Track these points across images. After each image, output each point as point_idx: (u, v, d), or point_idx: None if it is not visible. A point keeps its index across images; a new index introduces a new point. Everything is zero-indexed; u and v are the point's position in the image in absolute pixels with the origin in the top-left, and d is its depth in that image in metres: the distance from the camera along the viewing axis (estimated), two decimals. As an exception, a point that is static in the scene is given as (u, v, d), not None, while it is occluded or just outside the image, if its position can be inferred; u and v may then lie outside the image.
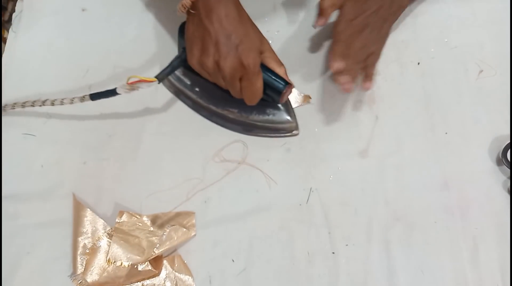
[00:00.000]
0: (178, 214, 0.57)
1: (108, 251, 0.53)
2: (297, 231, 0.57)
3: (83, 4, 0.69)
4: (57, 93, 0.63)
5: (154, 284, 0.55)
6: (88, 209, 0.56)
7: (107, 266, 0.53)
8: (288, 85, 0.55)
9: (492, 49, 0.66)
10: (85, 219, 0.56)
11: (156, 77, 0.53)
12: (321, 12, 0.57)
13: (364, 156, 0.61)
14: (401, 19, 0.67)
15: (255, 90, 0.52)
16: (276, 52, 0.57)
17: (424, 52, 0.66)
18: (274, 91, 0.55)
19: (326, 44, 0.66)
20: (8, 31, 0.68)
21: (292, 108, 0.61)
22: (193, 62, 0.50)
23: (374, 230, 0.57)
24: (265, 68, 0.53)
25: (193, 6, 0.49)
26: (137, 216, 0.56)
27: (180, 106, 0.63)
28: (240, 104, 0.57)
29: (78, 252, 0.54)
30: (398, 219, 0.58)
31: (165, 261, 0.55)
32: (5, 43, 0.68)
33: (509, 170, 0.58)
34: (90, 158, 0.60)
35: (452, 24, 0.67)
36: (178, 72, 0.61)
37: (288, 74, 0.56)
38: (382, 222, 0.57)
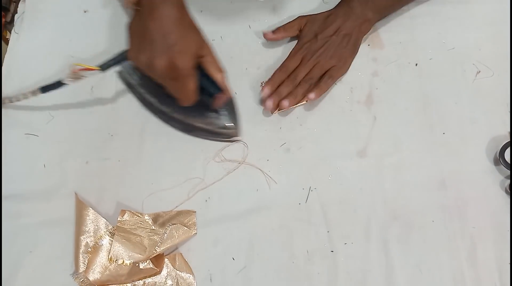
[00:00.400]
0: (179, 213, 0.58)
1: (110, 249, 0.54)
2: (296, 230, 0.58)
3: (85, 5, 0.69)
4: (58, 94, 0.64)
5: (156, 282, 0.55)
6: (90, 208, 0.57)
7: (109, 264, 0.54)
8: (222, 91, 0.55)
9: (490, 50, 0.67)
10: (87, 218, 0.56)
11: (100, 66, 0.54)
12: (276, 31, 0.64)
13: (363, 156, 0.61)
14: (399, 21, 0.68)
15: (187, 92, 0.52)
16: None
17: (422, 53, 0.67)
18: (208, 95, 0.55)
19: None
20: (10, 32, 0.69)
21: (236, 114, 0.61)
22: (131, 56, 0.51)
23: (373, 229, 0.58)
24: (202, 72, 0.53)
25: (138, 2, 0.50)
26: (139, 215, 0.57)
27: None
28: (185, 108, 0.56)
29: (80, 251, 0.55)
30: (396, 218, 0.58)
31: (166, 259, 0.56)
32: (7, 44, 0.68)
33: (506, 169, 0.59)
34: (92, 158, 0.61)
35: (449, 25, 0.68)
36: (129, 66, 0.62)
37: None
38: (380, 221, 0.58)
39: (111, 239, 0.55)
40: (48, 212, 0.58)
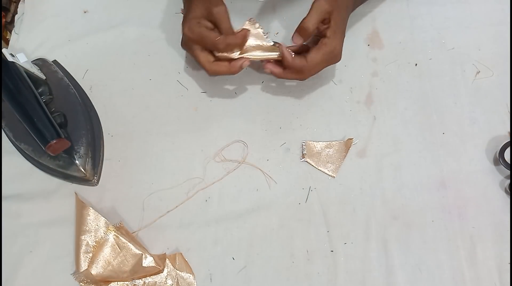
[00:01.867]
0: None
1: (115, 244, 0.54)
2: (296, 229, 0.58)
3: (85, 6, 0.69)
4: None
5: (156, 282, 0.55)
6: (91, 208, 0.57)
7: (112, 260, 0.54)
8: (58, 139, 0.52)
9: (489, 50, 0.67)
10: (88, 217, 0.56)
11: None
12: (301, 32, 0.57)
13: (362, 156, 0.61)
14: (399, 21, 0.68)
15: (198, 62, 0.57)
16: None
17: (421, 53, 0.67)
18: (42, 140, 0.52)
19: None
20: (10, 33, 0.69)
21: (96, 156, 0.59)
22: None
23: (372, 229, 0.58)
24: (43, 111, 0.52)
25: None
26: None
27: (182, 107, 0.64)
28: (35, 142, 0.54)
29: (81, 250, 0.55)
30: (396, 218, 0.58)
31: (166, 259, 0.56)
32: (7, 44, 0.68)
33: (506, 169, 0.59)
34: (92, 158, 0.61)
35: (449, 25, 0.68)
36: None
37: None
38: (380, 221, 0.58)
39: (116, 234, 0.55)
40: (48, 211, 0.58)
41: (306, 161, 0.61)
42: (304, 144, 0.61)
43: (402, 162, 0.61)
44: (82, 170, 0.57)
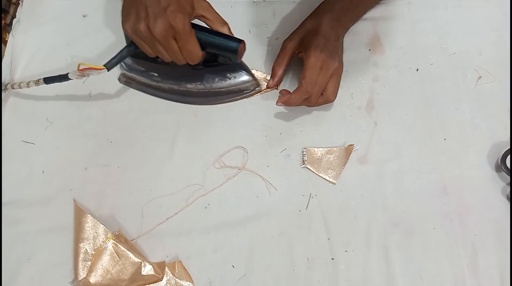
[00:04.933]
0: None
1: (113, 252, 0.54)
2: (296, 237, 0.57)
3: (84, 10, 0.69)
4: (55, 99, 0.64)
5: (155, 290, 0.55)
6: (89, 215, 0.56)
7: (111, 268, 0.54)
8: (242, 41, 0.55)
9: (491, 55, 0.66)
10: (86, 225, 0.56)
11: (104, 65, 0.55)
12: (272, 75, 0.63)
13: (363, 162, 0.61)
14: (400, 26, 0.68)
15: (191, 49, 0.52)
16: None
17: (422, 58, 0.66)
18: (230, 51, 0.55)
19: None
20: (9, 34, 0.68)
21: (247, 66, 0.62)
22: (129, 32, 0.51)
23: (373, 236, 0.57)
24: (211, 31, 0.54)
25: None
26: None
27: (181, 113, 0.63)
28: (201, 76, 0.59)
29: (80, 258, 0.55)
30: (397, 225, 0.58)
31: (166, 267, 0.55)
32: (6, 45, 0.68)
33: (508, 176, 0.59)
34: (91, 164, 0.60)
35: (450, 30, 0.68)
36: (131, 63, 0.62)
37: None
38: (381, 228, 0.58)
39: (115, 242, 0.55)
40: (46, 219, 0.58)
41: (307, 168, 0.60)
42: (304, 150, 0.61)
43: (403, 168, 0.61)
44: (251, 77, 0.61)
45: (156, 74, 0.62)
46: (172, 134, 0.62)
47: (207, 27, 0.54)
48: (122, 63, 0.57)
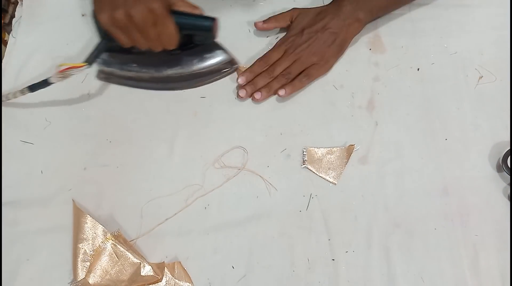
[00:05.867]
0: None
1: (112, 253, 0.54)
2: (297, 237, 0.57)
3: (83, 9, 0.69)
4: (54, 99, 0.63)
5: (154, 291, 0.55)
6: (88, 215, 0.56)
7: (110, 269, 0.53)
8: (214, 19, 0.55)
9: (492, 55, 0.66)
10: (85, 225, 0.55)
11: (85, 61, 0.55)
12: (267, 21, 0.65)
13: (364, 162, 0.61)
14: (401, 25, 0.68)
15: (170, 32, 0.53)
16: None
17: (423, 58, 0.66)
18: (204, 30, 0.56)
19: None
20: (8, 34, 0.68)
21: (223, 46, 0.62)
22: (105, 21, 0.51)
23: (374, 237, 0.57)
24: (184, 14, 0.54)
25: None
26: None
27: (181, 112, 0.63)
28: (179, 60, 0.60)
29: (79, 259, 0.54)
30: (398, 226, 0.58)
31: (165, 268, 0.55)
32: (5, 45, 0.67)
33: (509, 176, 0.58)
34: (90, 164, 0.60)
35: (451, 29, 0.68)
36: (107, 57, 0.62)
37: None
38: (382, 228, 0.57)
39: (114, 243, 0.54)
40: (45, 219, 0.58)
41: (307, 168, 0.60)
42: (305, 150, 0.61)
43: (404, 169, 0.60)
44: (229, 56, 0.62)
45: (134, 65, 0.62)
46: (171, 134, 0.62)
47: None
48: (98, 58, 0.57)
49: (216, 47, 0.61)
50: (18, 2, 0.70)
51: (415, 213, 0.58)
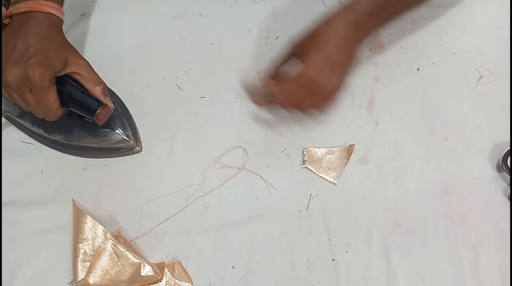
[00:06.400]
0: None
1: (112, 253, 0.54)
2: (297, 237, 0.57)
3: (83, 9, 0.69)
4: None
5: (154, 291, 0.55)
6: (88, 216, 0.56)
7: (110, 269, 0.53)
8: (103, 105, 0.53)
9: (492, 55, 0.66)
10: (85, 225, 0.55)
11: None
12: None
13: (364, 162, 0.61)
14: (401, 25, 0.67)
15: (47, 105, 0.50)
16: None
17: (423, 58, 0.66)
18: (88, 112, 0.53)
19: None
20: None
21: (132, 125, 0.60)
22: None
23: (374, 237, 0.57)
24: (77, 88, 0.52)
25: (11, 17, 0.50)
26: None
27: (181, 112, 0.63)
28: (71, 128, 0.57)
29: (79, 259, 0.54)
30: (398, 226, 0.58)
31: (165, 268, 0.55)
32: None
33: (509, 176, 0.58)
34: (90, 164, 0.60)
35: (451, 29, 0.68)
36: (7, 102, 0.59)
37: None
38: (382, 228, 0.57)
39: (114, 243, 0.54)
40: (45, 219, 0.58)
41: (307, 168, 0.60)
42: (305, 150, 0.61)
43: (404, 169, 0.60)
44: (126, 138, 0.58)
45: (28, 117, 0.59)
46: (171, 134, 0.62)
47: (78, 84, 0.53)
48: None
49: (120, 125, 0.58)
50: (18, 2, 0.70)
51: (415, 213, 0.58)
